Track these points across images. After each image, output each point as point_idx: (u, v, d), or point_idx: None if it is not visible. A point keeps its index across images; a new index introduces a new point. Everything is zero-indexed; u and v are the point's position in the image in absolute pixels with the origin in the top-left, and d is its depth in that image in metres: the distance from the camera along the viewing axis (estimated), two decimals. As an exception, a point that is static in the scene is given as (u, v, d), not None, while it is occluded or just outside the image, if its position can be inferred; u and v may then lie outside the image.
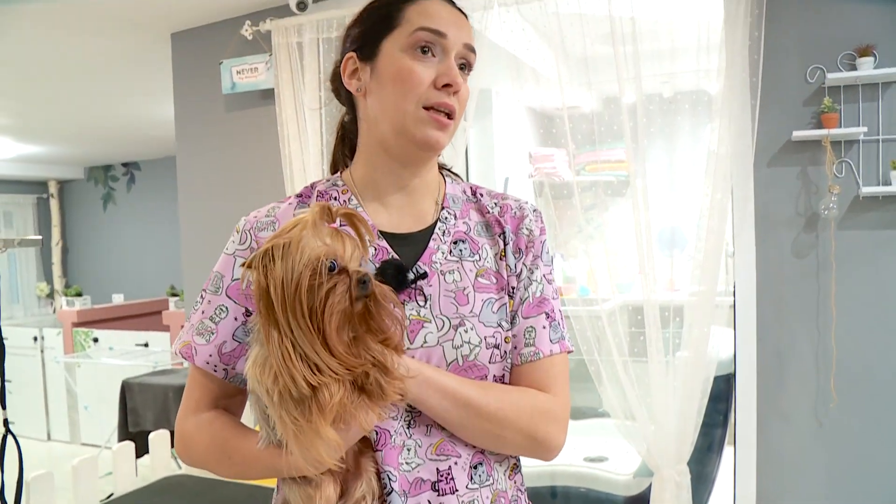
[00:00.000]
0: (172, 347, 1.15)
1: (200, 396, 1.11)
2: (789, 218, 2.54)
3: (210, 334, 1.08)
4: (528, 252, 1.15)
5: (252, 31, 3.17)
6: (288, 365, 0.85)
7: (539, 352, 1.11)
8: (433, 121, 1.05)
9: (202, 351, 1.08)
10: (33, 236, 2.71)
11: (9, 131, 6.01)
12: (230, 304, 1.08)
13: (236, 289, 1.08)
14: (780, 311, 2.56)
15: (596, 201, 2.98)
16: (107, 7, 3.13)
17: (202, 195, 3.51)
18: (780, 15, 2.47)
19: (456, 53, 1.08)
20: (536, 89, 2.82)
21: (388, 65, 1.07)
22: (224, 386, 1.11)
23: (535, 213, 1.19)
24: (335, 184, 1.16)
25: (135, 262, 7.88)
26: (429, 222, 1.13)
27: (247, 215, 1.13)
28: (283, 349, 0.85)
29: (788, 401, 2.56)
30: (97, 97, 4.94)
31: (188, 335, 1.10)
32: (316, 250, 0.87)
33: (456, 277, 1.09)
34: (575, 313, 2.79)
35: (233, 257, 1.10)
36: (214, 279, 1.10)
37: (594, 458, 3.64)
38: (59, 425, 6.09)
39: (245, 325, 1.07)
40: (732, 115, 2.47)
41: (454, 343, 1.05)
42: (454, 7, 1.12)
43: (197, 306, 1.12)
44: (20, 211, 8.27)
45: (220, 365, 1.08)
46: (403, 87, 1.05)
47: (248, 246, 1.09)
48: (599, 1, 2.58)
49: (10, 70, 4.11)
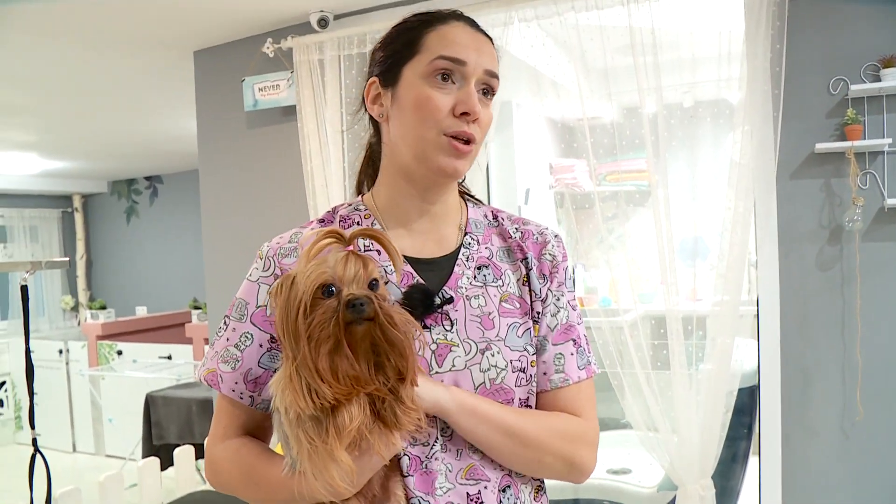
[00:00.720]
0: (196, 374, 1.15)
1: (228, 423, 1.11)
2: (813, 230, 2.52)
3: (235, 362, 1.08)
4: (552, 278, 1.16)
5: (274, 49, 3.20)
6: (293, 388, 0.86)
7: (569, 378, 1.13)
8: (452, 148, 1.06)
9: (228, 378, 1.08)
10: (60, 258, 2.75)
11: (35, 147, 6.09)
12: (255, 332, 1.09)
13: (261, 315, 1.09)
14: (804, 324, 2.54)
15: (617, 212, 2.98)
16: (131, 26, 3.17)
17: (224, 211, 3.54)
18: (803, 27, 2.46)
19: (476, 80, 1.08)
20: (557, 102, 2.82)
21: (408, 92, 1.08)
22: (250, 413, 1.11)
23: (556, 238, 1.20)
24: (357, 208, 1.16)
25: (157, 275, 7.94)
26: (452, 247, 1.14)
27: (269, 241, 1.13)
28: (289, 372, 0.87)
29: (814, 414, 2.54)
30: (121, 113, 5.00)
31: (213, 362, 1.10)
32: (315, 275, 0.88)
33: (481, 302, 1.10)
34: (597, 325, 2.79)
35: (256, 284, 1.10)
36: (238, 306, 1.11)
37: (617, 471, 3.62)
38: (85, 437, 6.15)
39: (270, 351, 1.08)
40: (754, 127, 2.46)
41: (481, 367, 1.06)
42: (477, 30, 1.12)
43: (221, 333, 1.12)
44: (45, 225, 8.37)
45: (245, 392, 1.09)
46: (422, 114, 1.06)
47: (271, 272, 1.09)
48: (619, 13, 2.58)
49: (37, 88, 4.17)
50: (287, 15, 3.14)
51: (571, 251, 5.18)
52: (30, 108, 4.65)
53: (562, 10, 2.64)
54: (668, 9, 2.54)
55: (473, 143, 1.08)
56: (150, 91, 4.32)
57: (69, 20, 3.04)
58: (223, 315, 1.13)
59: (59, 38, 3.26)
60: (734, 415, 2.61)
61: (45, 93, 4.31)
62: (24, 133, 5.48)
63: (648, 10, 2.53)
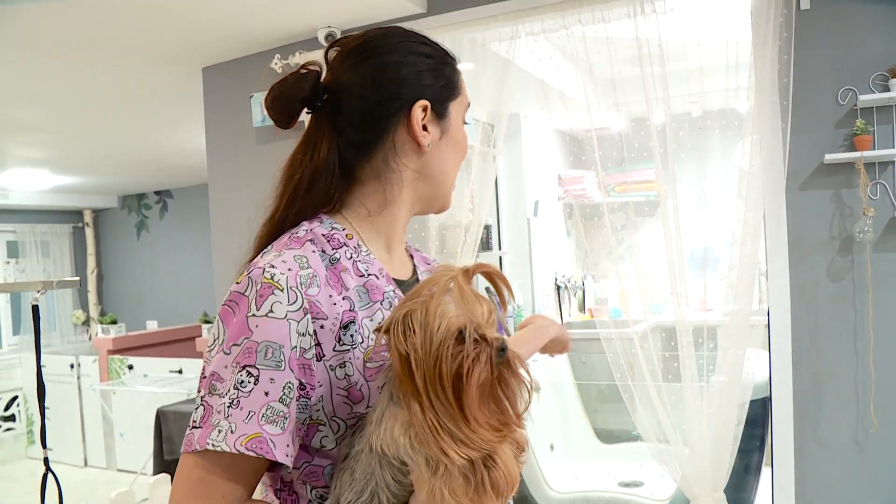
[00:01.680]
0: (221, 444, 0.88)
1: (231, 492, 0.90)
2: (823, 241, 2.51)
3: (284, 420, 0.90)
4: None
5: (282, 65, 3.22)
6: (437, 438, 0.81)
7: None
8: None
9: (280, 442, 0.89)
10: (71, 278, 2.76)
11: (46, 163, 6.14)
12: (294, 380, 0.91)
13: (294, 359, 0.92)
14: (815, 335, 2.53)
15: (626, 222, 2.98)
16: (140, 44, 3.20)
17: (234, 226, 3.55)
18: (810, 37, 2.46)
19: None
20: (565, 114, 2.83)
21: (458, 131, 1.09)
22: (262, 472, 0.95)
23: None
24: (333, 227, 1.04)
25: (168, 289, 7.97)
26: (411, 270, 1.16)
27: (268, 266, 0.94)
28: (429, 421, 0.82)
29: (827, 426, 2.52)
30: (131, 129, 5.03)
31: (252, 425, 0.88)
32: (456, 319, 0.84)
33: None
34: (607, 336, 2.79)
35: (286, 322, 0.91)
36: (268, 351, 0.90)
37: (629, 483, 3.60)
38: (96, 452, 6.15)
39: (299, 399, 0.92)
40: (763, 138, 2.46)
41: None
42: None
43: (248, 387, 0.89)
44: (56, 240, 8.43)
45: (292, 453, 0.92)
46: (462, 155, 1.10)
47: (300, 306, 0.92)
48: (626, 25, 2.59)
49: (48, 106, 4.21)
50: (295, 31, 3.16)
51: (581, 262, 5.19)
52: (41, 125, 4.69)
53: (569, 24, 2.65)
54: (674, 20, 2.54)
55: None
56: (160, 107, 4.35)
57: (80, 39, 3.07)
58: (237, 362, 0.90)
59: (70, 57, 3.29)
60: (746, 426, 2.59)
61: (57, 110, 4.34)
62: (36, 150, 5.52)
63: (655, 22, 2.53)
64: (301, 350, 0.92)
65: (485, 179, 3.09)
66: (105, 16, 2.82)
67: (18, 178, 6.72)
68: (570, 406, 4.15)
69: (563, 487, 3.54)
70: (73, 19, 2.82)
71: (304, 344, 0.92)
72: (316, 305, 0.94)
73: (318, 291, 0.95)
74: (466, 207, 3.10)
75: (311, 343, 0.93)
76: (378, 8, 2.94)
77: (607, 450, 4.06)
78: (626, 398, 2.71)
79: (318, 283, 0.95)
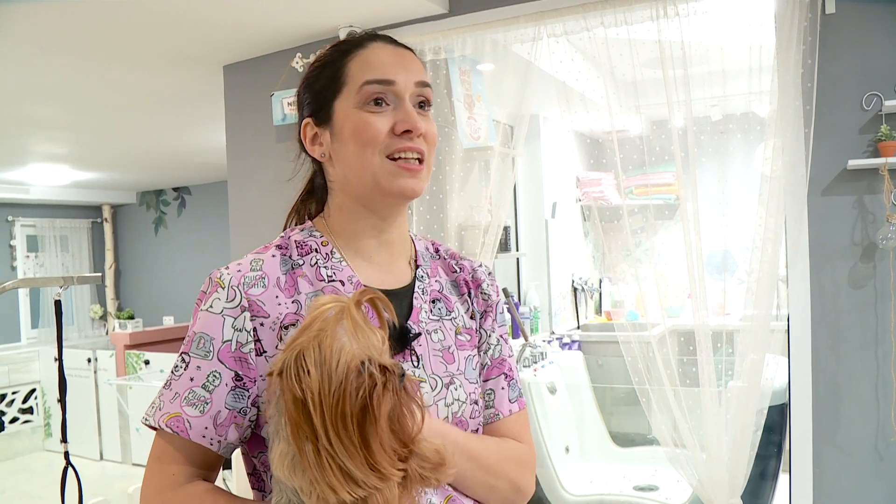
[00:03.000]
0: (149, 419, 1.01)
1: (180, 470, 0.99)
2: (845, 247, 2.49)
3: (204, 404, 0.98)
4: (486, 315, 1.18)
5: (303, 63, 3.23)
6: (328, 478, 0.80)
7: (499, 413, 1.15)
8: (403, 170, 1.05)
9: (197, 423, 0.98)
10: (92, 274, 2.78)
11: (66, 159, 6.20)
12: (223, 370, 0.99)
13: (227, 351, 0.99)
14: (836, 342, 2.51)
15: (645, 225, 2.97)
16: (161, 42, 3.21)
17: (253, 224, 3.56)
18: (835, 41, 2.44)
19: (410, 95, 1.06)
20: (586, 116, 2.82)
21: (344, 125, 1.06)
22: (210, 457, 1.01)
23: (489, 276, 1.22)
24: (312, 234, 1.11)
25: (185, 285, 8.01)
26: (407, 280, 1.13)
27: (224, 268, 1.05)
28: (323, 461, 0.80)
29: (846, 434, 2.50)
30: (151, 127, 5.07)
31: (175, 405, 0.98)
32: (353, 352, 0.82)
33: (440, 336, 1.11)
34: (625, 339, 2.78)
35: (220, 316, 1.00)
36: (201, 341, 1.00)
37: (644, 487, 3.59)
38: (112, 446, 6.20)
39: (234, 390, 0.99)
40: (785, 143, 2.44)
41: (446, 401, 1.07)
42: (397, 45, 1.11)
43: (179, 371, 1.00)
44: (75, 235, 8.49)
45: (215, 437, 0.99)
46: (363, 141, 1.04)
47: (238, 304, 1.01)
48: (649, 28, 2.57)
49: (70, 103, 4.24)
50: (316, 30, 3.16)
51: (598, 265, 5.17)
52: (63, 122, 4.73)
53: (591, 26, 2.64)
54: (697, 23, 2.53)
55: (423, 160, 1.07)
56: (180, 105, 4.37)
57: (102, 38, 3.09)
58: (180, 350, 1.02)
59: (93, 55, 3.31)
60: (763, 432, 2.58)
61: (78, 108, 4.38)
62: (57, 146, 5.57)
63: (678, 25, 2.52)
64: (237, 344, 0.99)
65: (504, 181, 3.09)
66: (127, 15, 2.83)
67: (39, 174, 6.78)
68: (585, 408, 4.14)
69: (578, 490, 3.53)
70: (96, 18, 2.84)
71: (240, 339, 1.00)
72: (257, 304, 1.01)
73: (263, 292, 1.02)
74: (485, 208, 3.10)
75: (248, 338, 1.00)
76: (400, 8, 2.94)
77: (622, 453, 4.05)
78: (643, 402, 2.70)
79: (266, 284, 1.03)
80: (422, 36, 2.95)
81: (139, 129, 5.11)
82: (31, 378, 6.62)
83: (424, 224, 3.05)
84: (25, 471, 6.05)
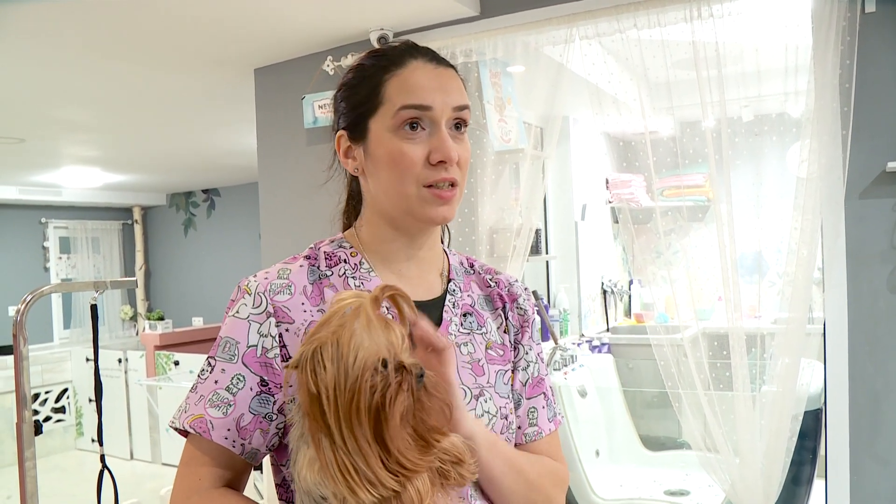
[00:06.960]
0: (176, 421, 1.03)
1: (206, 474, 1.00)
2: (883, 251, 2.44)
3: (227, 406, 0.99)
4: (523, 332, 1.18)
5: (334, 67, 3.23)
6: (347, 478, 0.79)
7: (542, 431, 1.17)
8: (436, 198, 1.03)
9: (219, 425, 0.99)
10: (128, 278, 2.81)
11: (98, 162, 6.28)
12: (247, 374, 1.00)
13: (252, 356, 1.01)
14: (874, 348, 2.46)
15: (675, 227, 2.94)
16: (193, 46, 3.24)
17: (284, 226, 3.58)
18: (875, 41, 2.39)
19: (447, 120, 1.04)
20: (618, 117, 2.80)
21: (378, 148, 1.05)
22: (235, 462, 1.02)
23: (525, 291, 1.22)
24: (341, 245, 1.12)
25: (214, 286, 8.08)
26: (438, 293, 1.13)
27: (252, 276, 1.07)
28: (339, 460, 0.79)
29: (885, 443, 2.46)
30: (182, 129, 5.11)
31: (199, 407, 1.00)
32: (371, 349, 0.80)
33: (470, 349, 1.10)
34: (656, 342, 2.75)
35: (247, 322, 1.02)
36: (227, 345, 1.02)
37: (675, 492, 3.56)
38: (142, 446, 6.27)
39: (260, 395, 1.01)
40: (822, 144, 2.40)
41: (476, 413, 1.06)
42: (438, 64, 1.07)
43: (205, 375, 1.02)
44: (106, 236, 8.61)
45: (238, 440, 1.00)
46: (398, 171, 1.03)
47: (263, 310, 1.02)
48: (682, 29, 2.55)
49: (102, 106, 4.29)
50: (347, 33, 3.17)
51: (628, 266, 5.13)
52: (94, 125, 4.79)
53: (624, 28, 2.61)
54: (732, 24, 2.50)
55: (457, 185, 1.05)
56: (211, 108, 4.41)
57: (135, 41, 3.12)
58: (208, 354, 1.04)
59: (125, 59, 3.34)
60: (798, 437, 2.54)
61: (110, 111, 4.43)
62: (89, 148, 5.64)
63: (712, 26, 2.49)
64: (263, 349, 1.01)
65: (535, 183, 3.08)
66: (159, 18, 2.86)
67: (72, 176, 6.88)
68: (615, 411, 4.11)
69: (609, 494, 3.50)
70: (128, 22, 2.87)
71: (265, 344, 1.01)
72: (282, 310, 1.02)
73: (289, 298, 1.04)
74: (516, 211, 3.09)
75: (273, 343, 1.01)
76: (431, 10, 2.94)
77: (653, 457, 4.02)
78: (675, 406, 2.67)
79: (292, 291, 1.04)
80: (452, 38, 2.95)
81: (169, 131, 5.16)
82: (64, 378, 6.71)
83: (456, 227, 3.04)
84: (57, 469, 6.14)
